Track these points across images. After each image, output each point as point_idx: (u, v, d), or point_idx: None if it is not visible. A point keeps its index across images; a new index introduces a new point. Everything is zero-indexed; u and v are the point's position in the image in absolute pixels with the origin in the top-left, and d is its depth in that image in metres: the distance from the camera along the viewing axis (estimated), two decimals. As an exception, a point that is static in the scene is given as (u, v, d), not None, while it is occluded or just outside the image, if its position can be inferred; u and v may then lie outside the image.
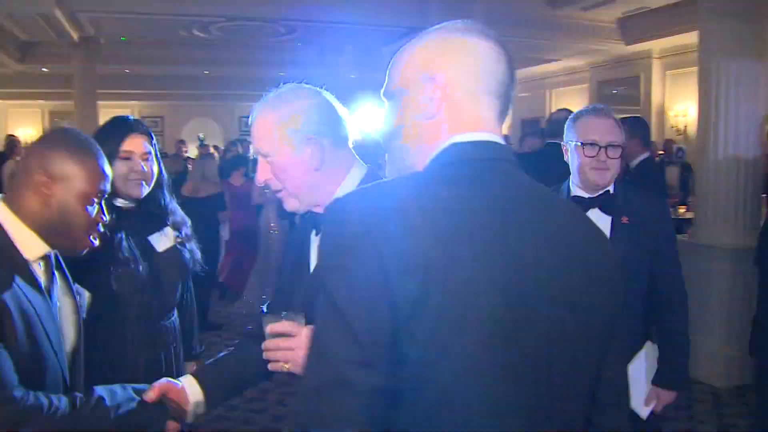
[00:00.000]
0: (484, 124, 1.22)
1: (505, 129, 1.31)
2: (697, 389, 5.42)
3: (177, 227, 2.71)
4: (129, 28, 11.67)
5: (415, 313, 1.00)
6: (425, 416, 1.03)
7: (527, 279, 1.09)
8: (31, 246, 1.77)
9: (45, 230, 1.77)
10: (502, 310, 1.05)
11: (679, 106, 13.10)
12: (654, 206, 2.85)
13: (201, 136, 17.72)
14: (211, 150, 11.81)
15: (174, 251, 2.67)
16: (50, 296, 1.85)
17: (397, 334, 1.00)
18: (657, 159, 9.21)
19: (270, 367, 1.71)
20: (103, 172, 1.85)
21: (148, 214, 2.61)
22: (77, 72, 14.14)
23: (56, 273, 1.90)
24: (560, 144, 2.86)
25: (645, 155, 5.28)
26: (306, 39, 13.11)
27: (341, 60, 15.62)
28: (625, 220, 2.70)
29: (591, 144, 2.66)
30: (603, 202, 2.73)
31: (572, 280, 1.14)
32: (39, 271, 1.81)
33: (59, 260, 1.94)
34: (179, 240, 2.71)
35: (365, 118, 10.52)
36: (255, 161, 2.10)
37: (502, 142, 1.24)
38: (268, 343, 1.70)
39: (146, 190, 2.54)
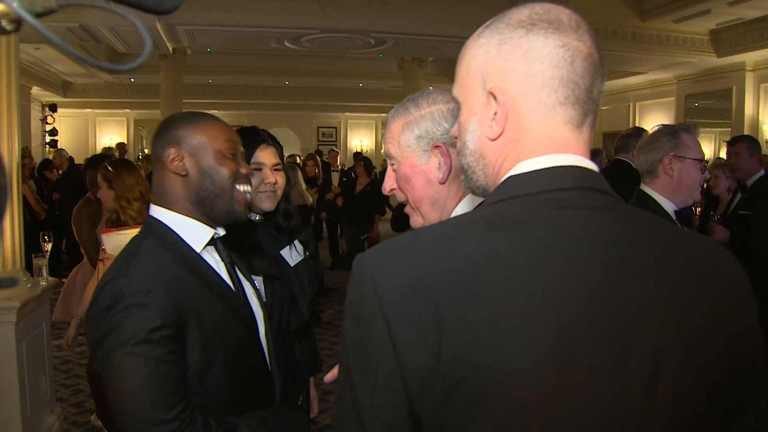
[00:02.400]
0: (557, 145, 0.99)
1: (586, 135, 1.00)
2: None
3: (305, 243, 2.66)
4: (224, 40, 11.96)
5: (428, 387, 0.87)
6: None
7: (594, 348, 0.88)
8: (196, 235, 1.75)
9: (198, 204, 1.75)
10: (550, 392, 0.86)
11: (774, 120, 12.69)
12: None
13: (280, 145, 17.91)
14: (298, 160, 11.88)
15: (305, 265, 2.62)
16: (238, 280, 1.86)
17: (414, 414, 0.89)
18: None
19: None
20: (223, 127, 1.81)
21: (276, 227, 2.56)
22: (164, 82, 14.57)
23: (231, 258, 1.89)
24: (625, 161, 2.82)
25: (761, 173, 5.11)
26: (393, 51, 13.19)
27: (420, 72, 15.67)
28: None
29: (704, 162, 2.70)
30: (684, 216, 2.74)
31: (679, 341, 0.91)
32: (213, 259, 1.81)
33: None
34: (308, 254, 2.65)
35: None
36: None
37: (583, 162, 1.00)
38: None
39: (275, 203, 2.48)
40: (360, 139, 22.71)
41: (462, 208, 1.56)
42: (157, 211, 1.76)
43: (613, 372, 0.88)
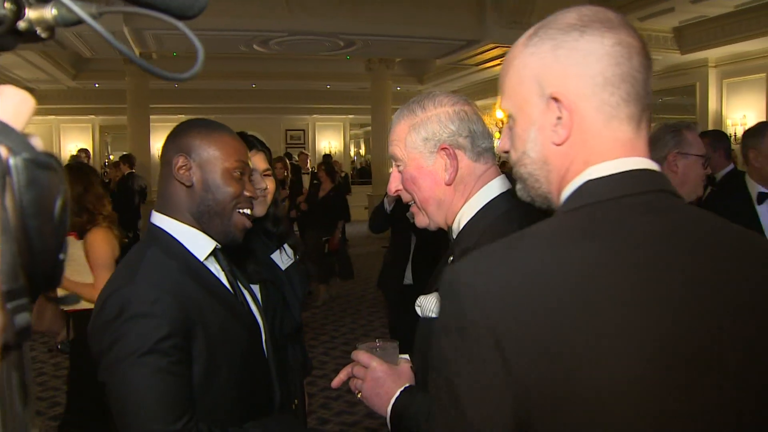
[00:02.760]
0: (625, 146, 0.99)
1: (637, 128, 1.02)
2: None
3: (295, 247, 2.68)
4: (192, 45, 11.84)
5: (542, 408, 0.86)
6: None
7: (696, 359, 0.87)
8: (199, 245, 1.73)
9: (198, 216, 1.72)
10: (658, 402, 0.86)
11: (736, 115, 12.93)
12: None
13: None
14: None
15: (295, 269, 2.63)
16: (239, 288, 1.85)
17: (525, 429, 0.87)
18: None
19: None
20: (237, 145, 1.78)
21: (266, 232, 2.56)
22: (130, 88, 14.41)
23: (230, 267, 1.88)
24: None
25: (730, 167, 5.22)
26: (363, 52, 13.19)
27: (388, 73, 15.71)
28: None
29: (706, 158, 2.77)
30: None
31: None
32: (214, 268, 1.79)
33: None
34: (298, 257, 2.66)
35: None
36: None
37: (649, 164, 1.00)
38: (353, 367, 1.66)
39: (266, 208, 2.48)
40: (328, 141, 22.66)
41: (470, 207, 1.58)
42: (160, 220, 1.74)
43: (713, 381, 0.88)
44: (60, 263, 0.53)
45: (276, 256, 2.57)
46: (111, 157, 20.52)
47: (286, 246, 2.62)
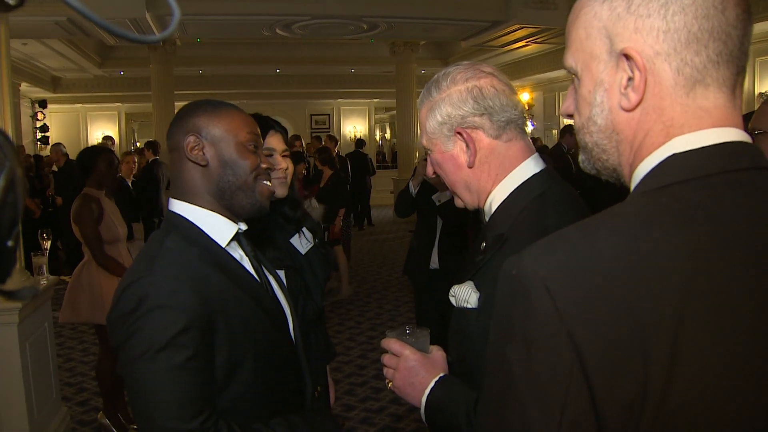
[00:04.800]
0: (711, 116, 0.84)
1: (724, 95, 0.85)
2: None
3: (314, 230, 2.62)
4: (215, 30, 11.82)
5: (632, 425, 0.74)
6: None
7: None
8: (220, 230, 1.67)
9: (219, 196, 1.66)
10: None
11: (769, 93, 12.67)
12: None
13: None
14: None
15: (315, 253, 2.58)
16: (264, 273, 1.79)
17: None
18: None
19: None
20: (245, 118, 1.72)
21: (283, 215, 2.49)
22: (155, 74, 14.47)
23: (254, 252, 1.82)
24: None
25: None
26: (387, 35, 13.09)
27: (413, 56, 15.58)
28: None
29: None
30: None
31: None
32: (237, 254, 1.72)
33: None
34: (317, 242, 2.61)
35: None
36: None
37: (744, 137, 0.85)
38: (384, 356, 1.62)
39: (287, 189, 2.43)
40: (353, 126, 22.59)
41: (501, 189, 1.52)
42: (178, 206, 1.67)
43: None
44: (8, 251, 0.45)
45: (295, 241, 2.52)
46: (138, 144, 20.63)
47: (304, 230, 2.57)
